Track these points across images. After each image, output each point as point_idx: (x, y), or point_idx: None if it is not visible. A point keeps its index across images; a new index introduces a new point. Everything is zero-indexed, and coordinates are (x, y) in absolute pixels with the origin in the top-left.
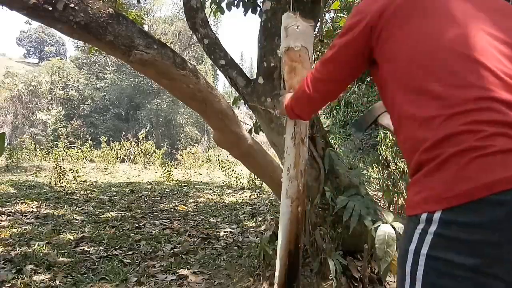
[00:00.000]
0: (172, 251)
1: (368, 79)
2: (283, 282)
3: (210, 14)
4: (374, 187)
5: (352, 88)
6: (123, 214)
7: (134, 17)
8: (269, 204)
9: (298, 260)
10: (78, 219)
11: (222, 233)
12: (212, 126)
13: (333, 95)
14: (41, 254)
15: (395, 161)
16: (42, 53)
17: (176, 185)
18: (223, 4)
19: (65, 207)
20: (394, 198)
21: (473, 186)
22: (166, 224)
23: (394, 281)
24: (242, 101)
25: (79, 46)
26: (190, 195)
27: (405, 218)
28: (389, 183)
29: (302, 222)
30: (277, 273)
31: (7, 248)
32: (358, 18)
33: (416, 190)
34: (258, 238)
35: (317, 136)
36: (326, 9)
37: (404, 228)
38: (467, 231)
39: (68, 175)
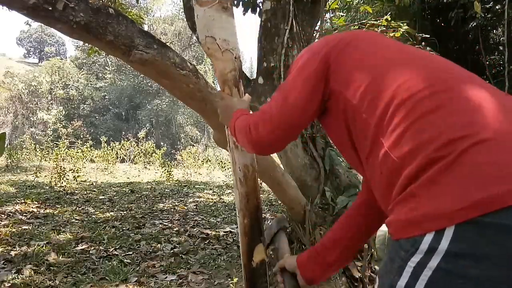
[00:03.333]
0: (172, 251)
1: None
2: None
3: None
4: None
5: None
6: (123, 214)
7: (133, 16)
8: (269, 204)
9: (256, 274)
10: (78, 219)
11: (222, 233)
12: (212, 126)
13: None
14: (41, 254)
15: None
16: (42, 53)
17: (176, 185)
18: None
19: (65, 207)
20: None
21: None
22: (166, 224)
23: None
24: None
25: (79, 46)
26: (190, 195)
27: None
28: None
29: (250, 235)
30: None
31: (7, 248)
32: (314, 52)
33: (412, 206)
34: None
35: (317, 136)
36: (326, 9)
37: (390, 255)
38: (487, 259)
39: (68, 175)
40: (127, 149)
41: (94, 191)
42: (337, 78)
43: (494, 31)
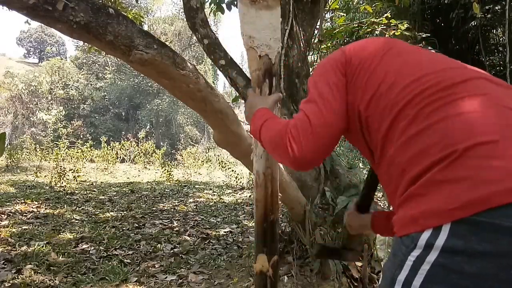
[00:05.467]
0: (172, 251)
1: None
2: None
3: (210, 14)
4: None
5: None
6: (123, 214)
7: (132, 15)
8: None
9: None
10: (78, 219)
11: (222, 233)
12: (212, 126)
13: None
14: (41, 254)
15: None
16: (42, 53)
17: (176, 185)
18: (223, 4)
19: (65, 207)
20: None
21: (501, 188)
22: (166, 224)
23: None
24: (242, 101)
25: (79, 46)
26: (190, 195)
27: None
28: None
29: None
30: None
31: (7, 248)
32: (335, 61)
33: (412, 205)
34: None
35: None
36: (326, 9)
37: (393, 250)
38: (480, 257)
39: (68, 175)
40: (127, 149)
41: (94, 191)
42: (351, 90)
43: (494, 31)
